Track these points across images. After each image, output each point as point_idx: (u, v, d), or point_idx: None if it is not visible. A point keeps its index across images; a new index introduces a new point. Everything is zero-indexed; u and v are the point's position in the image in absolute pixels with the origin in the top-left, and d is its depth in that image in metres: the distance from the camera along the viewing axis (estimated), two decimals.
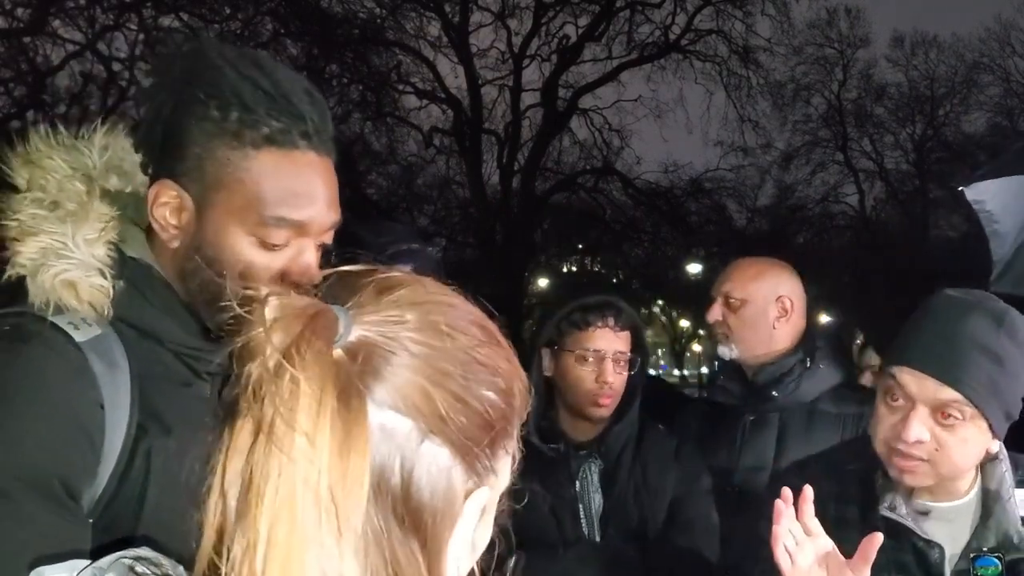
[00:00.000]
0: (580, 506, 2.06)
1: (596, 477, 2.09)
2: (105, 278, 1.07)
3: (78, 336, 1.03)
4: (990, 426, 1.45)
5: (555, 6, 18.54)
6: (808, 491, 1.37)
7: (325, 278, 0.71)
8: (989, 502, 1.51)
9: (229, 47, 1.11)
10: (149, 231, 1.15)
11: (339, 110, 17.32)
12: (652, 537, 2.01)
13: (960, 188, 3.80)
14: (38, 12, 12.66)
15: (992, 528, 1.48)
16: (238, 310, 0.64)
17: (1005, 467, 1.52)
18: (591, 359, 2.08)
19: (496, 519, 0.74)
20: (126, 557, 0.70)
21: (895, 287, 17.80)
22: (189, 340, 1.12)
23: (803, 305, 2.39)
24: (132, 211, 1.15)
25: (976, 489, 1.53)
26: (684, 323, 29.78)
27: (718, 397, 2.41)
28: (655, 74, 19.29)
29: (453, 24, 17.99)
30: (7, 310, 1.06)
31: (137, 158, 1.15)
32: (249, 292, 0.65)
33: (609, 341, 2.09)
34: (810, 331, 2.38)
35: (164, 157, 1.10)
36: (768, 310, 2.33)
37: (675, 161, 20.67)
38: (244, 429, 0.62)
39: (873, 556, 1.34)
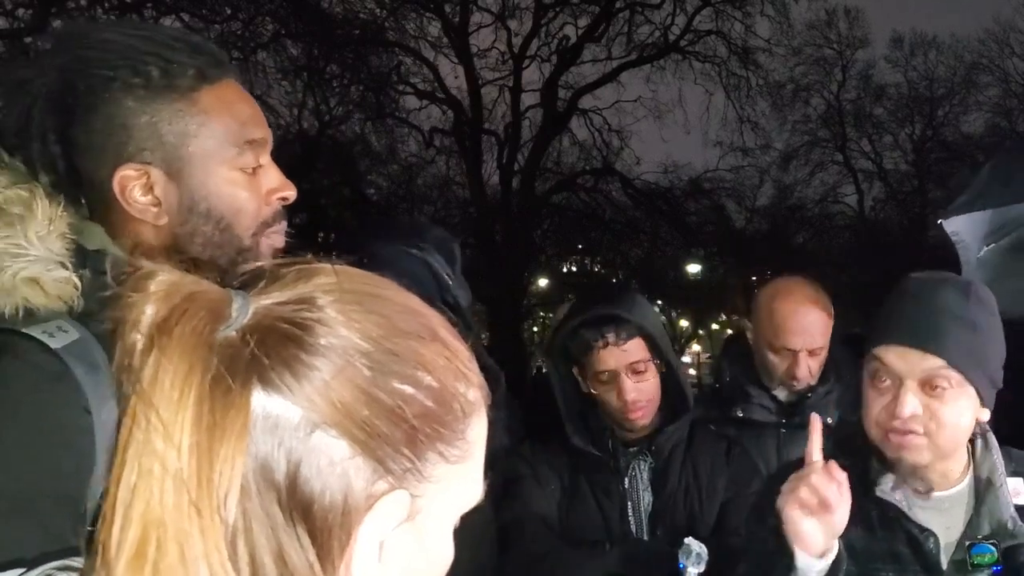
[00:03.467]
0: (629, 504, 2.03)
1: (646, 475, 2.05)
2: (68, 269, 1.03)
3: (54, 343, 0.99)
4: (978, 394, 1.49)
5: (555, 7, 18.54)
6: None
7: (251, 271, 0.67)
8: (981, 490, 1.53)
9: (86, 24, 1.09)
10: (116, 230, 1.12)
11: (339, 110, 17.35)
12: (702, 538, 1.92)
13: (939, 221, 3.90)
14: (39, 12, 12.65)
15: (986, 516, 1.50)
16: (117, 288, 0.61)
17: (996, 455, 1.55)
18: (607, 379, 2.02)
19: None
20: (54, 567, 0.68)
21: (894, 287, 17.77)
22: None
23: None
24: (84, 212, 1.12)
25: (968, 478, 1.56)
26: (684, 323, 29.78)
27: (755, 415, 2.43)
28: (654, 75, 19.31)
29: (453, 25, 17.99)
30: None
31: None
32: (138, 270, 0.61)
33: (617, 358, 1.99)
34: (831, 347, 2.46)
35: (103, 153, 1.08)
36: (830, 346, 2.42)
37: (674, 161, 20.71)
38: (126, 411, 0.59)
39: None
